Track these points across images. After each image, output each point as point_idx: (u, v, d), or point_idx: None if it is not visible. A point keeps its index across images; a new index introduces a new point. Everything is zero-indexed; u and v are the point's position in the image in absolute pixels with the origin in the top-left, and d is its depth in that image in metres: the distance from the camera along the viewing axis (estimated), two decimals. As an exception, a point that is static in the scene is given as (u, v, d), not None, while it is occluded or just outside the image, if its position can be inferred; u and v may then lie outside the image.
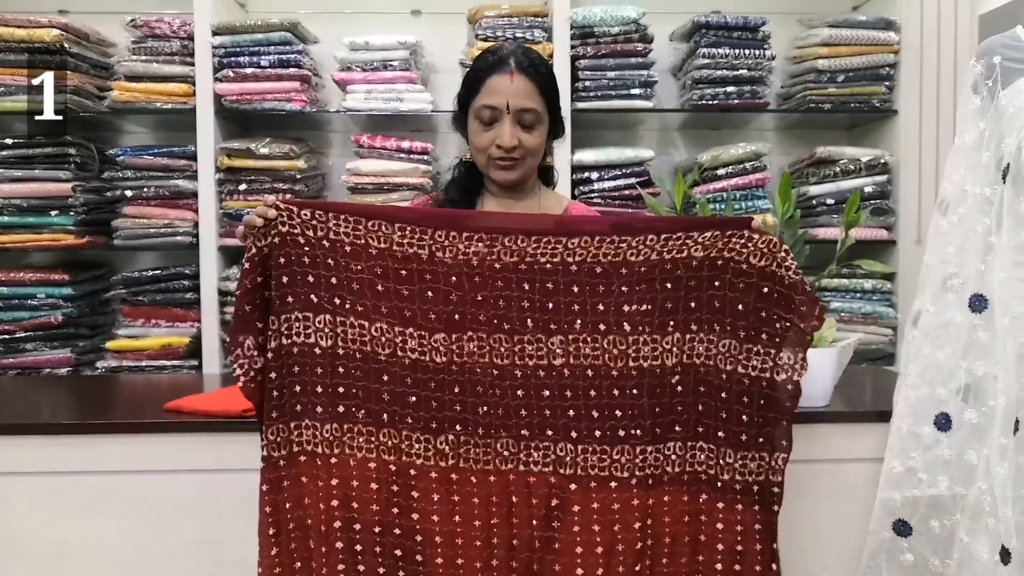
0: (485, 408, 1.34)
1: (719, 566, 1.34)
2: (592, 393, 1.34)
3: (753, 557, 1.34)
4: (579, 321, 1.34)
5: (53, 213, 2.63)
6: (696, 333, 1.33)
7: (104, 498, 1.67)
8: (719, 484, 1.34)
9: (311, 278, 1.31)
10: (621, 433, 1.34)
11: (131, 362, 2.64)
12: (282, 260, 1.30)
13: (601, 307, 1.34)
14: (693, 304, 1.33)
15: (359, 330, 1.32)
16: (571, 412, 1.34)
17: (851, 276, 2.73)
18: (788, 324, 1.30)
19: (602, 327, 1.33)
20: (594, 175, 2.71)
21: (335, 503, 1.32)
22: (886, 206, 2.73)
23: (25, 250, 2.67)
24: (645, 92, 2.69)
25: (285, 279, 1.30)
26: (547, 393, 1.34)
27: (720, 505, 1.35)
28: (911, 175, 2.69)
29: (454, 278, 1.34)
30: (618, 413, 1.34)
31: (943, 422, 1.55)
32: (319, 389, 1.32)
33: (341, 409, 1.33)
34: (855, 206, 2.14)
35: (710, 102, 2.69)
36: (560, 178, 1.85)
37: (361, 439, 1.33)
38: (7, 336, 2.64)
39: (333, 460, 1.33)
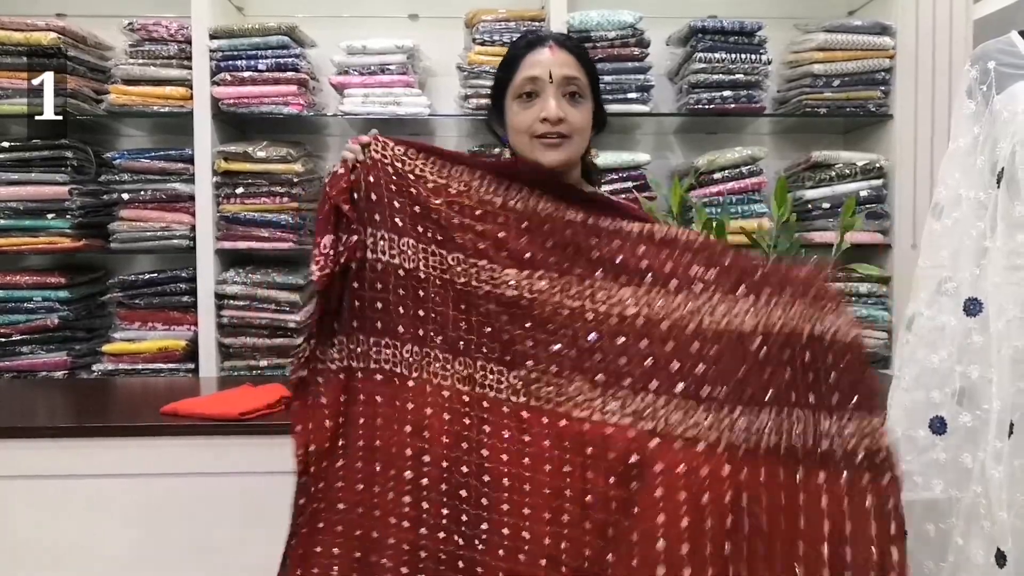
0: (558, 346, 1.29)
1: (825, 551, 1.17)
2: (670, 345, 1.26)
3: (867, 539, 1.18)
4: (649, 276, 1.30)
5: (50, 216, 2.63)
6: (770, 297, 1.27)
7: (100, 501, 1.67)
8: (819, 454, 1.21)
9: (396, 203, 1.35)
10: (705, 391, 1.23)
11: (127, 365, 2.64)
12: (371, 179, 1.35)
13: (669, 267, 1.30)
14: (757, 276, 1.29)
15: (439, 258, 1.34)
16: (649, 361, 1.26)
17: (846, 280, 2.73)
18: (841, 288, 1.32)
19: (672, 284, 1.29)
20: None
21: (408, 429, 1.31)
22: (881, 210, 2.74)
23: (21, 253, 2.67)
24: (642, 96, 2.69)
25: (373, 196, 1.34)
26: (621, 340, 1.28)
27: (822, 476, 1.20)
28: (906, 179, 2.70)
29: (525, 223, 1.36)
30: (699, 369, 1.24)
31: (938, 425, 1.56)
32: (400, 310, 1.33)
33: (420, 332, 1.33)
34: (850, 210, 2.16)
35: (706, 106, 2.69)
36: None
37: (437, 365, 1.33)
38: (3, 339, 2.63)
39: (411, 383, 1.32)
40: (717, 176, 2.73)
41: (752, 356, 1.25)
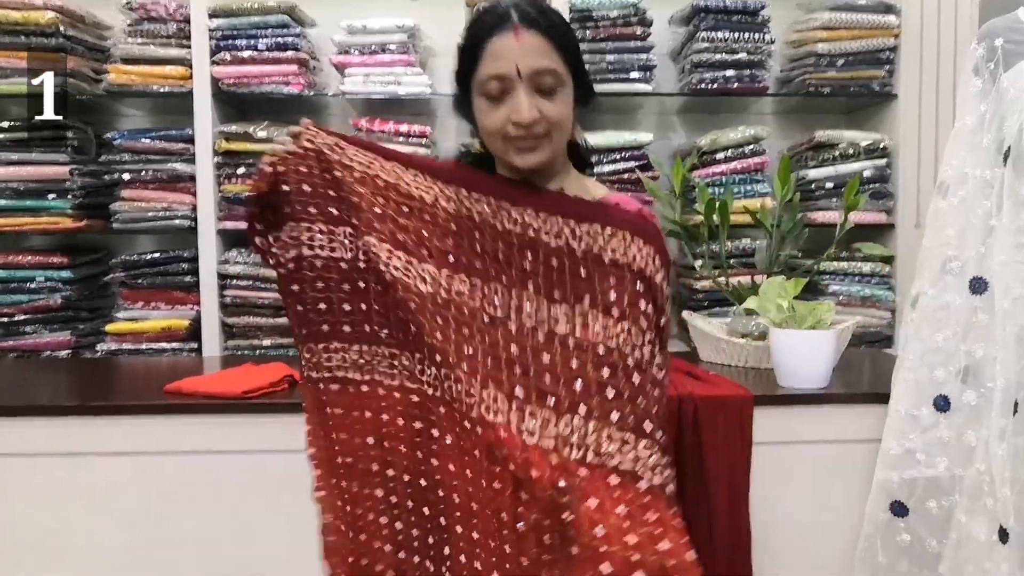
0: (470, 351, 1.15)
1: None
2: (606, 372, 1.11)
3: None
4: (588, 297, 1.15)
5: (51, 196, 2.62)
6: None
7: (104, 479, 1.67)
8: None
9: (331, 192, 1.24)
10: (648, 427, 1.09)
11: (131, 345, 2.64)
12: (304, 169, 1.24)
13: (614, 295, 1.15)
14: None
15: (369, 246, 1.23)
16: (579, 384, 1.11)
17: (850, 259, 2.73)
18: None
19: (615, 312, 1.13)
20: (592, 158, 2.70)
21: (371, 440, 1.24)
22: (885, 190, 2.73)
23: (23, 233, 2.66)
24: (644, 76, 2.68)
25: (307, 187, 1.24)
26: (547, 358, 1.13)
27: None
28: (910, 159, 2.69)
29: (454, 226, 1.23)
30: (642, 403, 1.10)
31: (942, 403, 1.56)
32: (346, 307, 1.25)
33: (367, 328, 1.24)
34: (854, 190, 2.15)
35: (709, 86, 2.68)
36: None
37: (385, 363, 1.24)
38: (6, 319, 2.63)
39: (364, 388, 1.25)
40: (720, 156, 2.72)
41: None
